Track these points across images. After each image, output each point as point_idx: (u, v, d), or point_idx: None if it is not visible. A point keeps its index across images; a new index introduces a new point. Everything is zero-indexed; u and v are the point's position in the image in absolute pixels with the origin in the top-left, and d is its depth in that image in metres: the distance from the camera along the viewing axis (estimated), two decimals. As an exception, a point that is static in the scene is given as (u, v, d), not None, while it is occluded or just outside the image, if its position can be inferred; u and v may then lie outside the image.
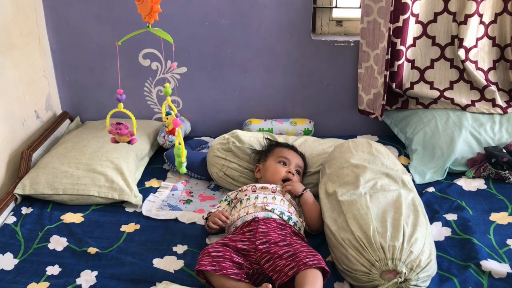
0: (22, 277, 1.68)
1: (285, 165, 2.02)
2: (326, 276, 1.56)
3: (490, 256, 1.71)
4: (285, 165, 2.02)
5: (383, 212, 1.66)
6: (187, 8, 2.47)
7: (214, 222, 1.80)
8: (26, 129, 2.34)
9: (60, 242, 1.84)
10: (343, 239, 1.62)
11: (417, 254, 1.53)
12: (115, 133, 1.50)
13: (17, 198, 2.08)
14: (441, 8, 2.38)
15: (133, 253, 1.79)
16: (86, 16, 2.50)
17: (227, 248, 1.63)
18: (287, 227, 1.76)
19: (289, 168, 2.01)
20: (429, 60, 2.46)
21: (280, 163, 2.02)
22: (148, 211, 2.02)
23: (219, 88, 2.65)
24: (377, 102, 2.47)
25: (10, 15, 2.21)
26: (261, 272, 1.62)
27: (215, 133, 2.65)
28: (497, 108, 2.43)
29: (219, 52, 2.57)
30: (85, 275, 1.67)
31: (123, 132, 1.49)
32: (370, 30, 2.41)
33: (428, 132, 2.37)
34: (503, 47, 2.46)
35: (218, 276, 1.55)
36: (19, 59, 2.28)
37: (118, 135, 1.50)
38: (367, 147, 2.04)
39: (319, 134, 2.63)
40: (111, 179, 2.07)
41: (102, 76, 2.63)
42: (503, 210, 1.98)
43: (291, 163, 2.03)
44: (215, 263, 1.57)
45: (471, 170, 2.22)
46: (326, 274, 1.56)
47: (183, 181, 2.25)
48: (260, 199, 1.85)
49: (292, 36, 2.53)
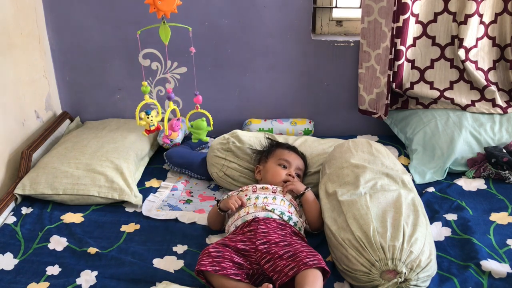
0: (22, 277, 1.68)
1: (285, 168, 2.02)
2: (326, 276, 1.56)
3: (490, 256, 1.71)
4: (286, 168, 2.02)
5: (383, 212, 1.66)
6: (187, 8, 2.46)
7: (233, 204, 1.81)
8: (26, 129, 2.34)
9: (60, 242, 1.84)
10: (343, 239, 1.62)
11: (417, 254, 1.53)
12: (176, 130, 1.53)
13: (17, 198, 2.08)
14: (441, 8, 2.38)
15: (133, 253, 1.79)
16: (86, 16, 2.50)
17: (227, 249, 1.63)
18: (287, 227, 1.76)
19: (289, 171, 2.01)
20: (429, 60, 2.46)
21: (281, 165, 2.02)
22: (148, 211, 2.02)
23: (219, 88, 2.65)
24: (380, 102, 2.47)
25: (10, 15, 2.21)
26: (261, 272, 1.61)
27: (215, 133, 2.64)
28: (497, 108, 2.43)
29: (219, 52, 2.57)
30: (85, 275, 1.67)
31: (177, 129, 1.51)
32: (371, 30, 2.41)
33: (428, 132, 2.37)
34: (503, 47, 2.46)
35: (218, 277, 1.55)
36: (19, 59, 2.29)
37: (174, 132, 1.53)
38: (367, 147, 2.04)
39: (319, 134, 2.63)
40: (111, 179, 2.07)
41: (102, 76, 2.63)
42: (503, 210, 1.98)
43: (292, 166, 2.02)
44: (215, 263, 1.57)
45: (471, 170, 2.22)
46: (326, 274, 1.56)
47: (183, 181, 2.25)
48: (261, 199, 1.85)
49: (292, 36, 2.53)
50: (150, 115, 1.62)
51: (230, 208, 1.82)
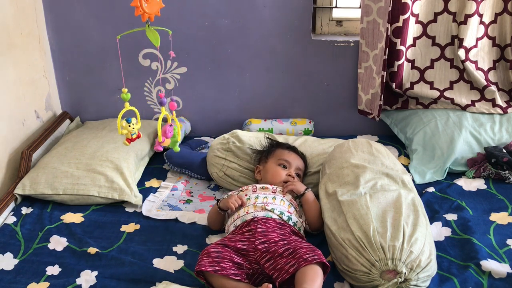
0: (22, 277, 1.68)
1: (285, 168, 2.02)
2: (326, 271, 1.56)
3: (490, 256, 1.71)
4: (286, 168, 2.02)
5: (383, 212, 1.66)
6: (187, 8, 2.47)
7: (233, 203, 1.81)
8: (26, 129, 2.34)
9: (60, 242, 1.84)
10: (343, 239, 1.62)
11: (417, 254, 1.53)
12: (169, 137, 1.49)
13: (17, 198, 2.08)
14: (441, 8, 2.38)
15: (133, 253, 1.79)
16: (86, 16, 2.50)
17: (227, 249, 1.63)
18: (286, 227, 1.76)
19: (289, 171, 2.01)
20: (429, 60, 2.46)
21: (280, 165, 2.02)
22: (148, 211, 2.02)
23: (219, 88, 2.65)
24: (375, 103, 2.48)
25: (10, 15, 2.21)
26: (260, 272, 1.61)
27: (215, 133, 2.65)
28: (497, 108, 2.43)
29: (219, 52, 2.57)
30: (85, 275, 1.67)
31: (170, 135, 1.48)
32: (370, 30, 2.41)
33: (428, 132, 2.37)
34: (503, 47, 2.46)
35: (218, 277, 1.55)
36: (19, 59, 2.28)
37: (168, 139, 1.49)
38: (367, 147, 2.04)
39: (319, 134, 2.63)
40: (111, 179, 2.07)
41: (102, 76, 2.63)
42: (503, 210, 1.98)
43: (292, 166, 2.02)
44: (215, 263, 1.56)
45: (471, 170, 2.22)
46: (326, 269, 1.55)
47: (183, 181, 2.25)
48: (260, 199, 1.85)
49: (292, 36, 2.53)
50: (131, 123, 1.59)
51: (230, 207, 1.82)
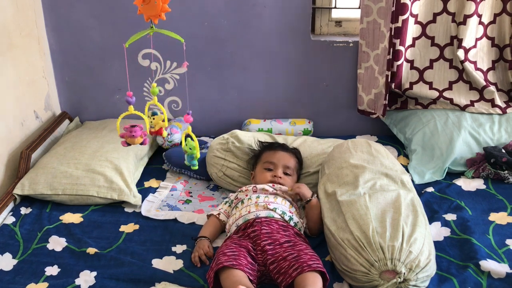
0: (21, 278, 1.68)
1: (270, 170, 2.01)
2: (325, 284, 1.56)
3: (489, 256, 1.71)
4: (271, 170, 2.01)
5: (382, 212, 1.66)
6: (186, 8, 2.47)
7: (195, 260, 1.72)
8: (26, 129, 2.34)
9: (59, 242, 1.84)
10: (342, 239, 1.63)
11: (416, 254, 1.53)
12: (128, 136, 1.47)
13: (16, 198, 2.08)
14: (440, 8, 2.38)
15: (132, 253, 1.79)
16: (86, 16, 2.50)
17: (241, 249, 1.63)
18: (290, 228, 1.76)
19: (275, 173, 1.99)
20: (428, 60, 2.46)
21: (266, 169, 2.01)
22: (147, 211, 2.02)
23: (219, 88, 2.65)
24: (379, 102, 2.48)
25: (10, 15, 2.21)
26: (266, 273, 1.63)
27: (214, 133, 2.65)
28: (496, 108, 2.43)
29: (219, 52, 2.57)
30: (84, 276, 1.67)
31: (137, 134, 1.46)
32: (370, 30, 2.41)
33: (427, 132, 2.37)
34: (502, 48, 2.46)
35: (233, 273, 1.51)
36: (18, 59, 2.28)
37: (132, 138, 1.46)
38: (366, 147, 2.04)
39: (318, 134, 2.63)
40: (110, 179, 2.07)
41: (101, 76, 2.63)
42: (502, 210, 1.98)
43: (278, 167, 2.01)
44: (232, 259, 1.55)
45: (470, 170, 2.22)
46: (325, 282, 1.56)
47: (182, 181, 2.25)
48: (262, 198, 1.85)
49: (291, 37, 2.53)
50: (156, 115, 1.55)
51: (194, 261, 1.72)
